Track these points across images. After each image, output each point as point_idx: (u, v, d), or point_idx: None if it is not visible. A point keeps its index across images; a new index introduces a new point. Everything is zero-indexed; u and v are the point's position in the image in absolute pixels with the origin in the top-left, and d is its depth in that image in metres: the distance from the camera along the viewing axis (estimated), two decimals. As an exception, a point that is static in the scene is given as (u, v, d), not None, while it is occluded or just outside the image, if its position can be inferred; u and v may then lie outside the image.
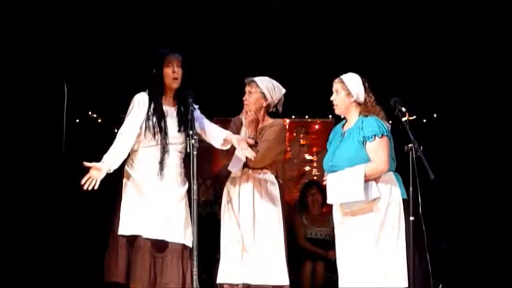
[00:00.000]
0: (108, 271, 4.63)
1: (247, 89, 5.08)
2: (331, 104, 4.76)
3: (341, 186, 4.56)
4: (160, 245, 4.59)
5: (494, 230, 6.57)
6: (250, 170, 5.00)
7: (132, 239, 4.59)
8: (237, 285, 4.92)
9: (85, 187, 4.41)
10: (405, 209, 4.55)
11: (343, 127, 4.79)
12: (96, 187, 4.42)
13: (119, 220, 4.63)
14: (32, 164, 6.06)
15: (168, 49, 4.74)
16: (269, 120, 5.10)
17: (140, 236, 4.57)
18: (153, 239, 4.57)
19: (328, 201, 4.68)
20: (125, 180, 4.68)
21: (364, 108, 4.67)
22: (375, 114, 4.65)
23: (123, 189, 4.68)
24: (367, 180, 4.51)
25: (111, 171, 4.51)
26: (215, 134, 4.82)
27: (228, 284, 4.93)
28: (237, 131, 5.08)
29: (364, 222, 4.55)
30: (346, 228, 4.63)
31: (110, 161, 4.51)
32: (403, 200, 4.58)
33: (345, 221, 4.64)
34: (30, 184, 6.02)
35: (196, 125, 4.68)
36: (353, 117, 4.71)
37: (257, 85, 5.05)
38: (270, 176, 5.04)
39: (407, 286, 4.47)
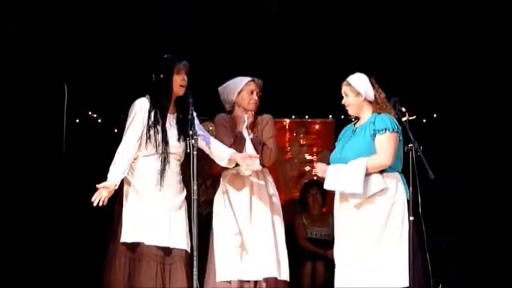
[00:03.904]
0: (107, 278, 4.62)
1: (256, 90, 5.12)
2: (343, 107, 4.76)
3: (340, 175, 4.56)
4: (164, 252, 4.59)
5: (495, 230, 6.57)
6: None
7: (134, 247, 4.58)
8: (236, 281, 4.91)
9: (95, 204, 4.47)
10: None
11: (354, 125, 4.80)
12: (105, 203, 4.49)
13: (118, 227, 4.62)
14: (32, 164, 6.06)
15: (175, 56, 4.73)
16: (257, 118, 5.14)
17: (142, 243, 4.57)
18: (157, 246, 4.57)
19: (325, 186, 4.67)
20: (126, 187, 4.67)
21: (376, 106, 4.68)
22: (387, 112, 4.66)
23: (124, 196, 4.67)
24: (369, 173, 4.52)
25: (117, 187, 4.57)
26: (220, 153, 4.81)
27: (225, 281, 4.90)
28: (231, 130, 5.08)
29: (368, 220, 4.55)
30: (348, 225, 4.62)
31: (115, 179, 4.54)
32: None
33: (347, 218, 4.63)
34: (30, 184, 6.02)
35: (199, 133, 4.66)
36: (366, 115, 4.72)
37: (261, 87, 5.12)
38: (267, 173, 5.09)
39: (408, 286, 4.47)
